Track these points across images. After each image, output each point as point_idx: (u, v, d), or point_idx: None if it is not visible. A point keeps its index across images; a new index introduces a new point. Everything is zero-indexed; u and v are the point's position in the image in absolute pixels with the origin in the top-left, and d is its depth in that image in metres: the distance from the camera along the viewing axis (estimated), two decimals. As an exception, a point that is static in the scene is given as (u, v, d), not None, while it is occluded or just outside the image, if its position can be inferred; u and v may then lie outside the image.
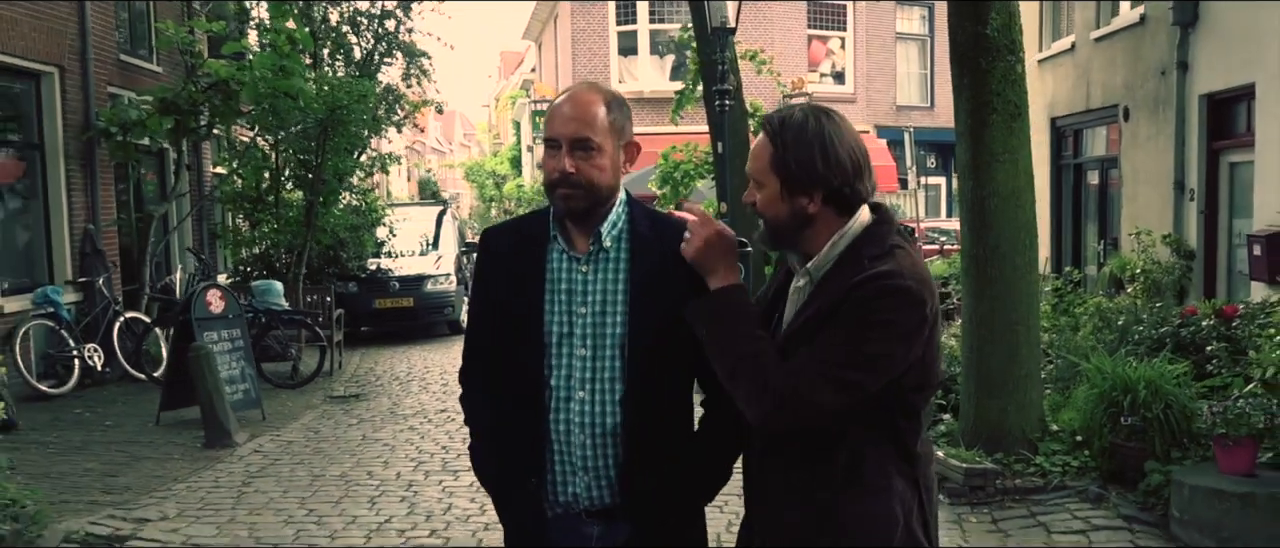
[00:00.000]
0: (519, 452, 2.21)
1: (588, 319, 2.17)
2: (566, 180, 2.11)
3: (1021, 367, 6.16)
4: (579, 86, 2.21)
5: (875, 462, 2.02)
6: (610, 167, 2.15)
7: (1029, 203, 6.21)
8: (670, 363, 2.18)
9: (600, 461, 2.17)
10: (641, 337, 2.14)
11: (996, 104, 6.07)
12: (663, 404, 2.20)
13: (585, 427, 2.16)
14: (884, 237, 2.03)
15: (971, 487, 5.84)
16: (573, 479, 2.18)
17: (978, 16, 6.08)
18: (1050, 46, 13.57)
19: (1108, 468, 5.83)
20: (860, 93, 24.22)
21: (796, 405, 1.93)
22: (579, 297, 2.18)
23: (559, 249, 2.21)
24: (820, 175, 2.01)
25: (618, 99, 2.20)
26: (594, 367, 2.16)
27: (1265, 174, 8.54)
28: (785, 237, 2.10)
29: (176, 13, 13.04)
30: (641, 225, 2.23)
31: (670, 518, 2.23)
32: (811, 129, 2.02)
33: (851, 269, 1.99)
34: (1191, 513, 5.08)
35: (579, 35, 23.37)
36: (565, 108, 2.15)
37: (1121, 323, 7.61)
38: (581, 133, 2.11)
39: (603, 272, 2.19)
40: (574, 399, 2.16)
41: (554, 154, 2.13)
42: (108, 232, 10.98)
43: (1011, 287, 6.12)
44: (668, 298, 2.14)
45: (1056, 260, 13.18)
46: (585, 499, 2.19)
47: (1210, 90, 9.50)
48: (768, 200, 2.07)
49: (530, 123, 30.17)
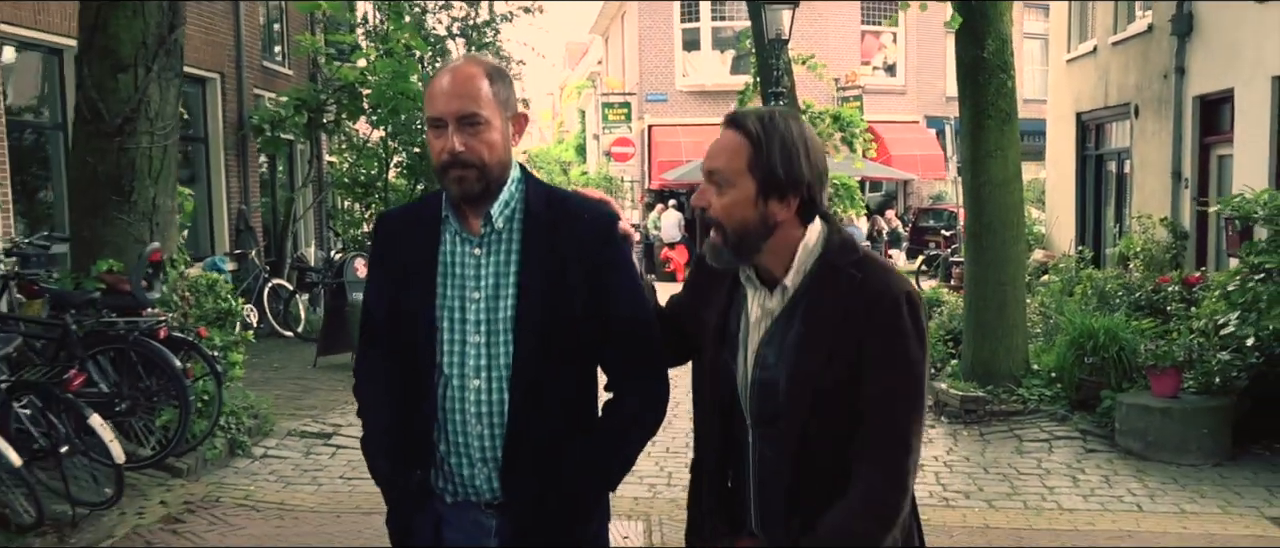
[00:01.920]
0: (410, 444, 2.12)
1: (480, 304, 2.07)
2: (457, 161, 2.01)
3: (1009, 318, 7.81)
4: (457, 62, 2.11)
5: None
6: (501, 141, 2.05)
7: (1017, 190, 7.84)
8: (565, 350, 2.06)
9: (496, 451, 2.07)
10: (531, 321, 2.04)
11: (991, 111, 7.70)
12: (558, 393, 2.08)
13: (481, 417, 2.06)
14: (853, 244, 1.97)
15: (966, 410, 7.51)
16: (471, 471, 2.09)
17: (977, 42, 7.71)
18: (1076, 48, 14.97)
19: (1074, 398, 7.47)
20: (910, 84, 25.61)
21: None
22: (472, 281, 2.08)
23: (452, 231, 2.11)
24: (804, 181, 1.91)
25: (499, 70, 2.09)
26: (488, 354, 2.05)
27: (1241, 164, 9.99)
28: (750, 246, 1.95)
29: (301, 23, 15.05)
30: (536, 204, 2.11)
31: (559, 511, 2.11)
32: (795, 131, 1.92)
33: (836, 279, 1.91)
34: (1127, 425, 6.72)
35: (646, 32, 25.07)
36: (446, 84, 2.03)
37: (1107, 289, 9.17)
38: (466, 108, 2.01)
39: (495, 254, 2.08)
40: (469, 388, 2.06)
41: (440, 134, 2.02)
42: (254, 211, 13.03)
43: (1001, 255, 7.77)
44: (562, 282, 2.04)
45: (1080, 240, 14.62)
46: (487, 491, 2.10)
47: (1202, 93, 10.95)
48: (736, 203, 1.91)
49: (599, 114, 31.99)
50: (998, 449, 6.86)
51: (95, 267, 6.21)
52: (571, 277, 2.04)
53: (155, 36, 6.34)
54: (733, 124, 1.93)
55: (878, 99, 24.15)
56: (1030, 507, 5.74)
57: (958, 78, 8.00)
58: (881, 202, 25.40)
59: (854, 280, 1.88)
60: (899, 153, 23.73)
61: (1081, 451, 6.75)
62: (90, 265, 6.26)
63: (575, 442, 2.09)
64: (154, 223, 6.47)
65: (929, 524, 5.03)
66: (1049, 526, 5.41)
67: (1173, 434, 6.52)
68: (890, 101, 24.94)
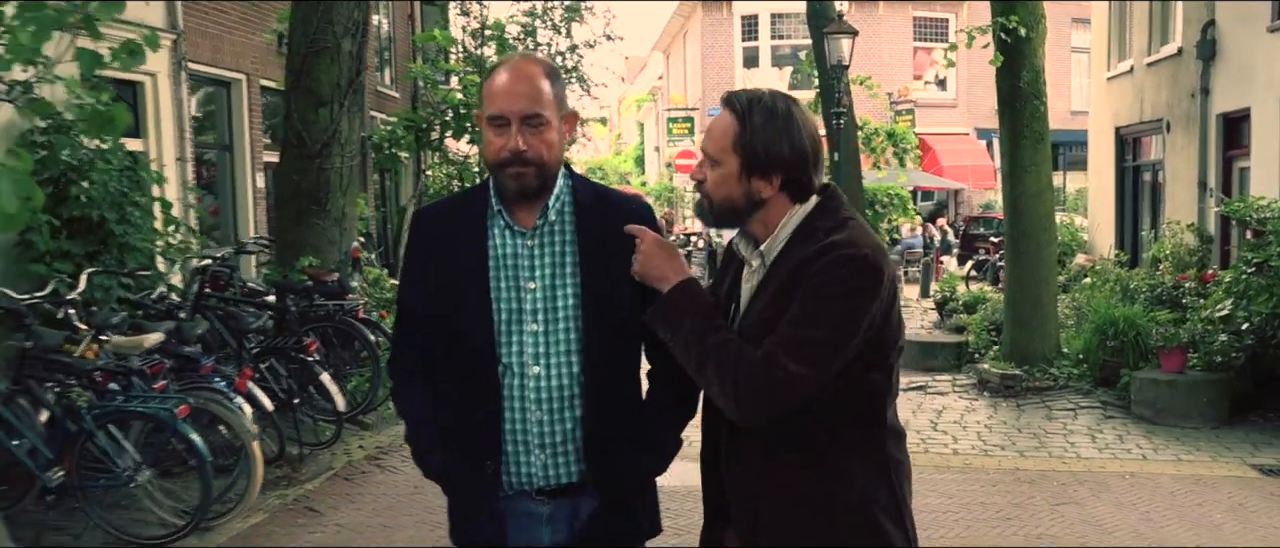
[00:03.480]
0: (472, 436, 2.16)
1: (537, 294, 2.13)
2: (519, 158, 2.05)
3: (1043, 310, 9.15)
4: (516, 59, 2.15)
5: (831, 448, 1.98)
6: (558, 141, 2.11)
7: (1049, 200, 9.18)
8: (622, 334, 2.16)
9: (558, 437, 2.14)
10: (596, 310, 2.12)
11: (1026, 133, 9.06)
12: (618, 376, 2.18)
13: (542, 403, 2.12)
14: (836, 210, 2.02)
15: (1005, 386, 8.86)
16: (528, 459, 2.14)
17: (1015, 74, 9.08)
18: (1115, 67, 16.16)
19: (1098, 376, 8.78)
20: (961, 98, 26.78)
21: (771, 388, 1.88)
22: (526, 272, 2.13)
23: (501, 224, 2.16)
24: (784, 160, 1.99)
25: (555, 69, 2.15)
26: (547, 342, 2.12)
27: (1258, 175, 11.19)
28: (731, 218, 2.08)
29: (405, 51, 16.75)
30: (585, 198, 2.19)
31: (634, 491, 2.22)
32: (781, 112, 2.00)
33: (806, 244, 1.97)
34: (1140, 396, 8.03)
35: (708, 50, 26.57)
36: (509, 82, 2.08)
37: (1131, 286, 10.44)
38: (531, 108, 2.05)
39: (550, 245, 2.15)
40: (528, 375, 2.12)
41: (502, 131, 2.07)
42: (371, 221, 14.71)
43: (1036, 257, 9.12)
44: (616, 268, 2.13)
45: (1118, 245, 15.78)
46: (541, 478, 2.16)
47: (1224, 110, 12.15)
48: (722, 179, 2.03)
49: (660, 128, 33.49)
50: (1030, 416, 8.20)
51: (298, 262, 7.81)
52: (621, 265, 2.13)
53: (346, 79, 7.95)
54: (725, 104, 2.05)
55: (930, 112, 25.36)
56: (1054, 456, 7.09)
57: (998, 103, 9.36)
58: (932, 210, 26.57)
59: (819, 240, 1.96)
60: (950, 163, 24.94)
61: (1101, 417, 8.07)
62: (294, 262, 7.86)
63: (638, 422, 2.20)
64: (342, 228, 8.08)
65: (970, 467, 6.54)
66: (1067, 468, 6.76)
67: (1178, 403, 7.82)
68: (942, 114, 26.13)
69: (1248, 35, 11.35)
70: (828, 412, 1.96)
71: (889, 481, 2.02)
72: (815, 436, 1.98)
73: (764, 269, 2.04)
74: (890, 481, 2.02)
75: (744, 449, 2.04)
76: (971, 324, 10.73)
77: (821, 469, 1.98)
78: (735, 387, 1.91)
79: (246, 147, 11.49)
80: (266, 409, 6.22)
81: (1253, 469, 6.69)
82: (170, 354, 6.04)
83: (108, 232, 7.05)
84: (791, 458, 1.98)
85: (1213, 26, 12.26)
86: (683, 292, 2.05)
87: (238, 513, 5.59)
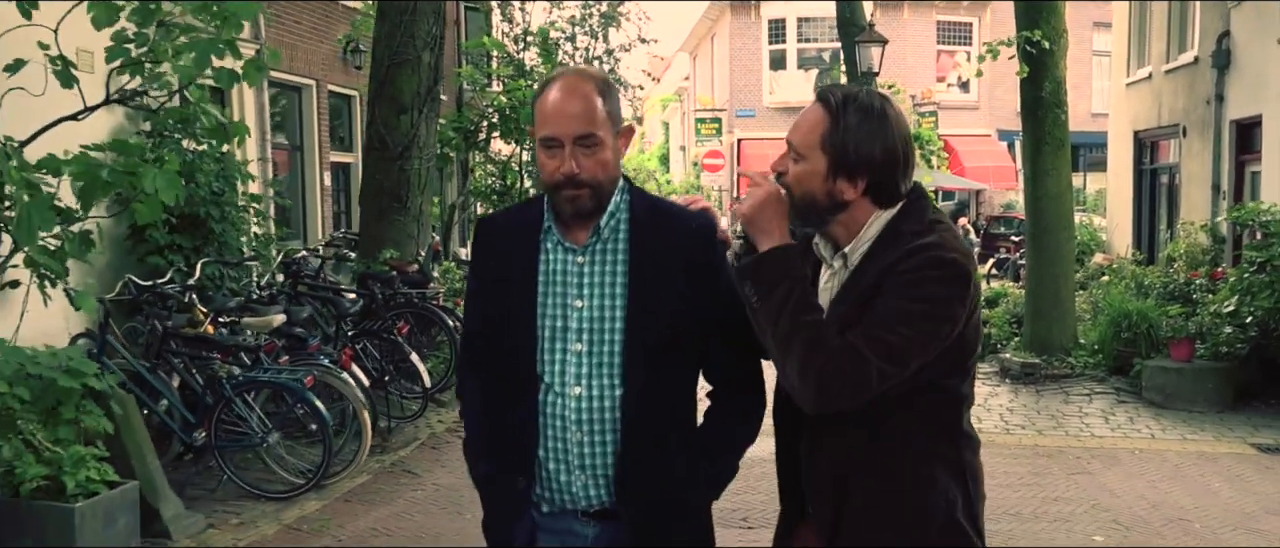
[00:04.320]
0: (509, 450, 2.12)
1: (584, 313, 2.06)
2: (574, 181, 1.98)
3: (1061, 304, 9.85)
4: (568, 75, 2.06)
5: (915, 453, 1.97)
6: (614, 159, 2.03)
7: (1068, 201, 9.88)
8: (673, 357, 2.07)
9: (598, 459, 2.07)
10: (643, 332, 2.03)
11: (1047, 139, 9.75)
12: (665, 400, 2.08)
13: (582, 424, 2.05)
14: (923, 213, 1.97)
15: (1025, 373, 9.56)
16: (569, 478, 2.08)
17: (1037, 85, 9.77)
18: (1135, 73, 16.78)
19: (1112, 365, 9.47)
20: (983, 100, 27.37)
21: (852, 380, 1.83)
22: (575, 290, 2.07)
23: (554, 240, 2.09)
24: (874, 162, 1.93)
25: (607, 84, 2.06)
26: (591, 362, 2.05)
27: (1269, 179, 11.83)
28: (814, 217, 2.01)
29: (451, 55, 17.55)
30: (641, 214, 2.10)
31: (673, 519, 2.11)
32: (876, 113, 1.93)
33: (893, 246, 1.92)
34: (1151, 383, 8.72)
35: (736, 52, 27.27)
36: (562, 102, 1.98)
37: (1146, 283, 11.11)
38: (584, 129, 1.97)
39: (600, 264, 2.07)
40: (569, 396, 2.05)
41: (555, 153, 1.98)
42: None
43: (1055, 253, 9.83)
44: (670, 290, 2.05)
45: (1136, 245, 16.41)
46: (583, 499, 2.09)
47: (1237, 117, 12.78)
48: (806, 175, 1.96)
49: (685, 127, 34.23)
50: (1049, 400, 8.91)
51: (381, 255, 8.60)
52: (676, 283, 2.05)
53: (425, 88, 8.74)
54: (821, 98, 1.98)
55: (952, 114, 25.98)
56: (1070, 435, 7.79)
57: (1022, 111, 10.06)
58: (954, 210, 27.16)
59: (904, 242, 1.91)
60: (972, 164, 25.55)
61: (1114, 402, 8.77)
62: (376, 254, 8.65)
63: (683, 449, 2.11)
64: (419, 223, 8.87)
65: (994, 443, 7.29)
66: (1082, 445, 7.47)
67: (1185, 389, 8.51)
68: (964, 116, 26.74)
69: (1261, 46, 11.99)
70: (909, 414, 1.95)
71: (965, 485, 2.00)
72: (897, 438, 1.96)
73: (846, 272, 2.00)
74: (966, 485, 2.01)
75: (824, 448, 2.03)
76: (993, 317, 11.43)
77: (903, 471, 1.97)
78: (819, 373, 1.84)
79: (315, 147, 12.34)
80: (365, 385, 7.01)
81: (1252, 447, 7.37)
82: (281, 334, 6.84)
83: (209, 227, 7.87)
84: (874, 459, 1.98)
85: (1228, 37, 12.89)
86: (785, 254, 1.94)
87: (347, 474, 6.37)
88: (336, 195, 13.49)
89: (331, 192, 12.65)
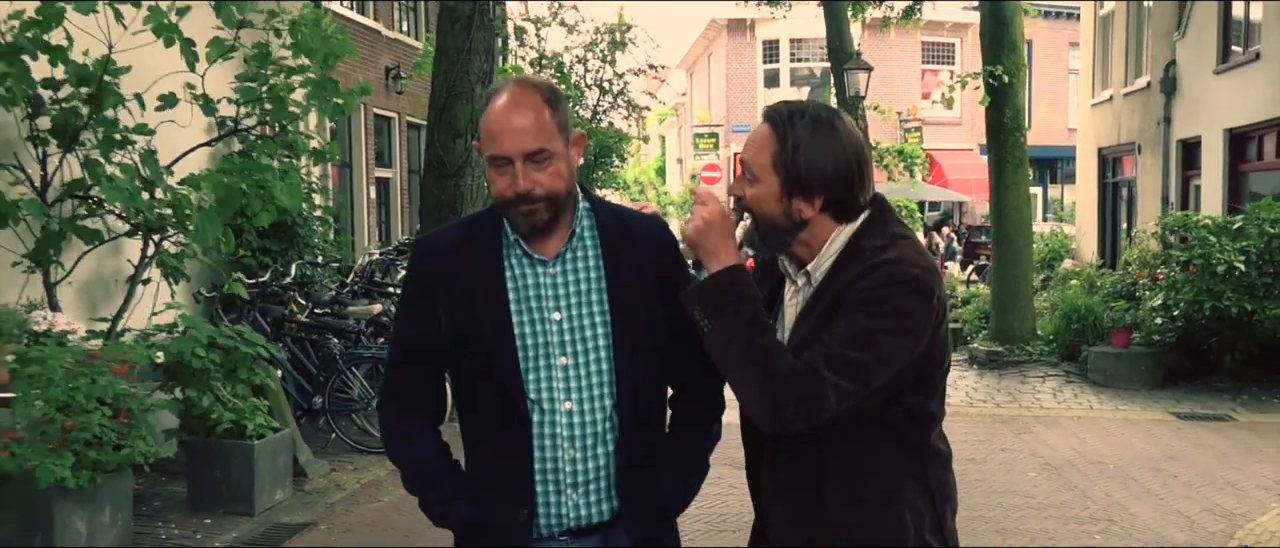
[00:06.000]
0: (502, 482, 2.03)
1: (563, 325, 2.01)
2: (526, 198, 1.91)
3: (1021, 300, 11.43)
4: (512, 86, 1.95)
5: (881, 469, 1.94)
6: (567, 169, 1.96)
7: (1026, 211, 11.51)
8: (655, 364, 2.06)
9: (591, 474, 2.02)
10: (630, 341, 2.02)
11: (1009, 159, 11.32)
12: (652, 408, 2.09)
13: (574, 440, 2.00)
14: (886, 226, 1.94)
15: (990, 359, 11.12)
16: (560, 500, 2.03)
17: (1000, 111, 11.36)
18: (1099, 95, 18.39)
19: (1064, 352, 11.03)
20: (965, 116, 28.97)
21: (810, 401, 1.80)
22: (551, 302, 2.02)
23: (519, 254, 2.03)
24: (827, 179, 1.89)
25: (554, 91, 2.00)
26: (578, 375, 2.01)
27: (1208, 192, 13.42)
28: (776, 240, 1.98)
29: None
30: (608, 222, 2.08)
31: (665, 529, 2.14)
32: (824, 128, 1.89)
33: (855, 262, 1.89)
34: (1095, 366, 10.27)
35: (732, 71, 28.88)
36: (507, 119, 1.90)
37: (1098, 283, 12.68)
38: (534, 146, 1.90)
39: (574, 274, 2.03)
40: (559, 411, 1.99)
41: (505, 171, 1.92)
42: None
43: (1016, 257, 11.40)
44: (647, 296, 2.04)
45: (1100, 252, 17.99)
46: (572, 518, 2.04)
47: (1182, 137, 14.37)
48: (763, 197, 1.93)
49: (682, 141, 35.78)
50: (1008, 381, 10.45)
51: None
52: (650, 289, 2.04)
53: (477, 116, 10.24)
54: (767, 117, 1.94)
55: (936, 129, 27.60)
56: (1022, 407, 9.34)
57: (987, 133, 11.64)
58: (938, 220, 28.72)
59: (865, 258, 1.88)
60: (955, 177, 27.16)
61: (1063, 382, 10.32)
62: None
63: (660, 454, 2.09)
64: (471, 233, 10.37)
65: (959, 413, 8.89)
66: (1030, 413, 9.01)
67: (1123, 371, 10.06)
68: (947, 131, 28.36)
69: (1200, 75, 13.59)
70: (873, 432, 1.92)
71: (933, 502, 1.98)
72: (859, 457, 1.93)
73: (810, 289, 1.97)
74: (934, 502, 1.98)
75: (785, 466, 1.99)
76: (965, 314, 12.98)
77: (866, 491, 1.94)
78: (775, 394, 1.82)
79: (363, 164, 13.82)
80: (436, 365, 8.48)
81: (1171, 415, 8.91)
82: (372, 322, 8.34)
83: (295, 233, 9.37)
84: (835, 477, 1.94)
85: (1174, 66, 14.50)
86: (735, 277, 1.89)
87: (430, 434, 7.85)
88: (379, 208, 14.97)
89: (375, 204, 14.10)
